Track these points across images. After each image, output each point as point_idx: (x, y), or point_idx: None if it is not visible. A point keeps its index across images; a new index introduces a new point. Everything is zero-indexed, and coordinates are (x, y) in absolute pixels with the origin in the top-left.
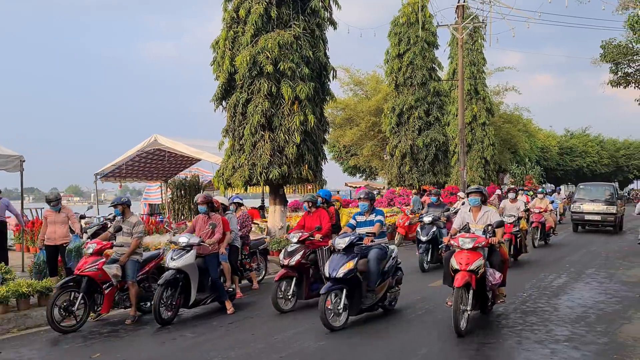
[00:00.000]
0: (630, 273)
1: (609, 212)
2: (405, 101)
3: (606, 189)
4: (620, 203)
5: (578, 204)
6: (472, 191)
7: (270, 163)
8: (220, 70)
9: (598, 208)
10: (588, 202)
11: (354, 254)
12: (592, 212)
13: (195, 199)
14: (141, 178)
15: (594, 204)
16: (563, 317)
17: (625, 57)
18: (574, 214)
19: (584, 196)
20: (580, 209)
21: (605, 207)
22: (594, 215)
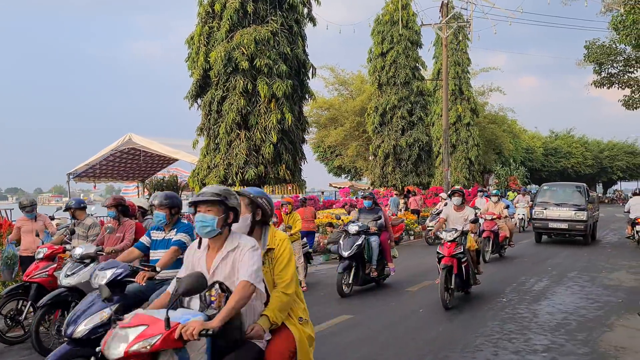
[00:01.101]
0: (612, 276)
1: (578, 219)
2: (389, 100)
3: (575, 190)
4: (593, 207)
5: (540, 209)
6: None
7: (246, 163)
8: (194, 67)
9: (565, 214)
10: (553, 207)
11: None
12: (557, 219)
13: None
14: (116, 178)
15: (560, 209)
16: (543, 324)
17: (609, 57)
18: (536, 221)
19: (549, 199)
20: (543, 215)
21: (573, 212)
22: (560, 223)
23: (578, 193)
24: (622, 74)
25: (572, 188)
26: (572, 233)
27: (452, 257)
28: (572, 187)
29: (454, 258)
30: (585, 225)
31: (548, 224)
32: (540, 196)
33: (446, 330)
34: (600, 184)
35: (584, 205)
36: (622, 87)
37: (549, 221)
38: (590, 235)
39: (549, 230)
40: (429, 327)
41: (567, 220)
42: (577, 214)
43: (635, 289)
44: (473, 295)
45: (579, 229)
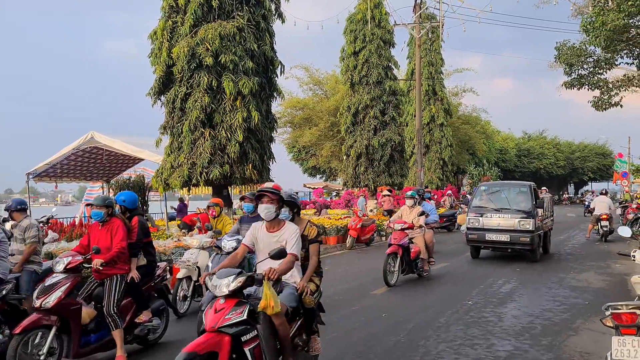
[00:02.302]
0: (580, 277)
1: (523, 229)
2: (361, 100)
3: (520, 192)
4: (543, 213)
5: (475, 216)
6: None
7: (211, 162)
8: (157, 63)
9: (506, 223)
10: (491, 214)
11: None
12: (497, 229)
13: None
14: (79, 178)
15: (501, 217)
16: (507, 328)
17: (579, 58)
18: (471, 231)
19: (487, 203)
20: (479, 223)
21: (517, 221)
22: (500, 234)
23: (523, 195)
24: (591, 75)
25: (516, 189)
26: (516, 246)
27: (399, 245)
28: (516, 187)
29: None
30: (532, 237)
31: (485, 235)
32: (477, 199)
33: (408, 336)
34: (572, 185)
35: (531, 211)
36: (591, 89)
37: (487, 232)
38: (542, 248)
39: (486, 243)
40: (390, 333)
41: (508, 230)
42: (522, 222)
43: (602, 290)
44: (438, 298)
45: (523, 242)
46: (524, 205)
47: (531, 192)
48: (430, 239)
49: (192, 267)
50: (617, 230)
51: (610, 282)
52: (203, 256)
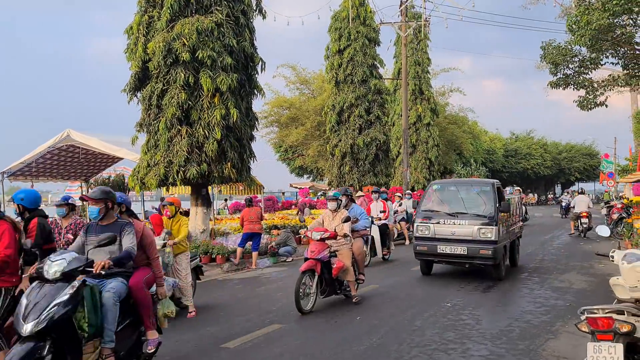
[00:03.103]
0: (563, 277)
1: (484, 239)
2: (346, 99)
3: (481, 192)
4: (509, 217)
5: (424, 223)
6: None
7: (188, 161)
8: (133, 58)
9: (463, 230)
10: (444, 219)
11: None
12: (451, 239)
13: None
14: (56, 177)
15: (455, 223)
16: (484, 332)
17: (564, 57)
18: (419, 242)
19: (439, 206)
20: (429, 231)
21: (476, 228)
22: (455, 246)
23: (485, 196)
24: (577, 75)
25: (475, 188)
26: (475, 260)
27: (316, 260)
28: (475, 186)
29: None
30: (495, 249)
31: (437, 246)
32: (427, 201)
33: (381, 340)
34: (559, 185)
35: (494, 216)
36: (577, 88)
37: (438, 242)
38: (509, 260)
39: (437, 256)
40: (363, 338)
41: (465, 240)
42: (483, 230)
43: (584, 291)
44: (416, 300)
45: (484, 256)
46: (485, 209)
47: (494, 192)
48: (359, 251)
49: None
50: (596, 229)
51: (592, 283)
52: None
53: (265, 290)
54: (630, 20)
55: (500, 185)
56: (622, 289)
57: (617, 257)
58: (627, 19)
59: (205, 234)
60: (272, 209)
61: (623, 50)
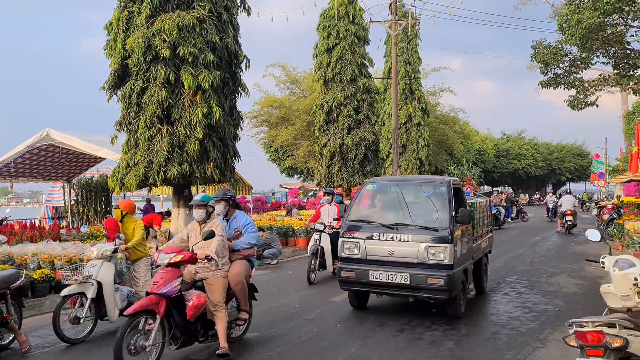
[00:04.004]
0: (552, 280)
1: (435, 263)
2: (335, 98)
3: (433, 194)
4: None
5: (352, 237)
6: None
7: (169, 160)
8: (112, 55)
9: (404, 250)
10: (381, 232)
11: None
12: (387, 262)
13: None
14: (37, 178)
15: (395, 237)
16: (470, 340)
17: (555, 57)
18: (345, 265)
19: (375, 214)
20: (358, 250)
21: (423, 247)
22: (393, 271)
23: (436, 200)
24: (567, 74)
25: (427, 188)
26: (421, 296)
27: (160, 296)
28: (427, 186)
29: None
30: (450, 278)
31: (368, 272)
32: (357, 207)
33: (360, 350)
34: (550, 185)
35: (448, 228)
36: (567, 88)
37: (371, 266)
38: (475, 285)
39: (369, 286)
40: (342, 347)
41: (408, 264)
42: (432, 250)
43: (574, 295)
44: (400, 307)
45: (434, 287)
46: (438, 219)
47: (450, 195)
48: (238, 278)
49: (89, 282)
50: (586, 233)
51: (583, 286)
52: (106, 269)
53: None
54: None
55: (460, 185)
56: (613, 297)
57: (608, 263)
58: (618, 18)
59: None
60: (262, 210)
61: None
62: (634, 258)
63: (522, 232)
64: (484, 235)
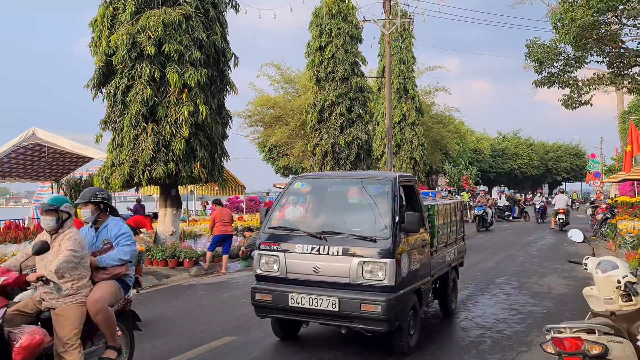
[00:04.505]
0: (542, 282)
1: (370, 284)
2: (327, 97)
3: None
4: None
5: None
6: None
7: (154, 159)
8: (97, 52)
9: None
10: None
11: None
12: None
13: None
14: (24, 177)
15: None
16: (453, 343)
17: (549, 56)
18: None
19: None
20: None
21: (356, 262)
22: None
23: (379, 203)
24: (562, 73)
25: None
26: (355, 327)
27: None
28: (369, 183)
29: None
30: (390, 304)
31: (288, 295)
32: (280, 210)
33: (338, 355)
34: (547, 185)
35: (390, 239)
36: (561, 87)
37: (291, 287)
38: (441, 306)
39: (289, 313)
40: (319, 351)
41: (336, 284)
42: (369, 266)
43: (563, 296)
44: None
45: (369, 315)
46: (376, 226)
47: (394, 196)
48: (100, 306)
49: None
50: (569, 234)
51: (572, 287)
52: None
53: (230, 297)
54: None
55: (413, 183)
56: (596, 300)
57: (591, 264)
58: (612, 16)
59: (174, 236)
60: (255, 210)
61: (608, 48)
62: (617, 259)
63: (515, 232)
64: (451, 245)
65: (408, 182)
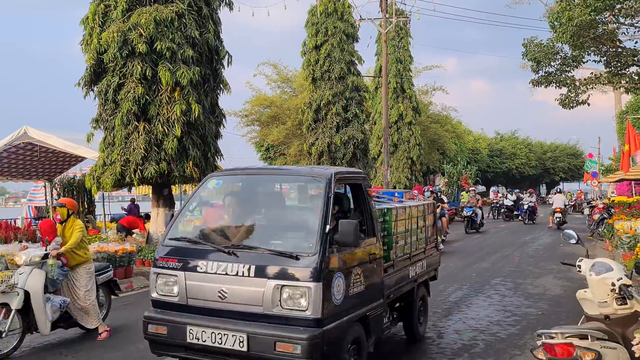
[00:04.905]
0: (537, 282)
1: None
2: (323, 96)
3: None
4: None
5: (169, 268)
6: None
7: (146, 159)
8: (88, 50)
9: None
10: (210, 261)
11: None
12: (215, 310)
13: None
14: (17, 177)
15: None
16: (445, 347)
17: (546, 55)
18: (157, 313)
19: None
20: (177, 289)
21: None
22: (222, 327)
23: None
24: (559, 72)
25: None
26: None
27: None
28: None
29: None
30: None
31: (186, 330)
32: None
33: None
34: (544, 185)
35: (315, 253)
36: (559, 86)
37: (192, 318)
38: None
39: (191, 351)
40: None
41: (245, 315)
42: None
43: (559, 297)
44: None
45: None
46: (300, 238)
47: (327, 198)
48: None
49: (15, 291)
50: (562, 234)
51: (568, 288)
52: (35, 277)
53: None
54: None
55: (359, 181)
56: (590, 303)
57: (585, 266)
58: (609, 15)
59: None
60: None
61: (605, 48)
62: (611, 261)
63: (512, 232)
64: (418, 257)
65: (352, 179)
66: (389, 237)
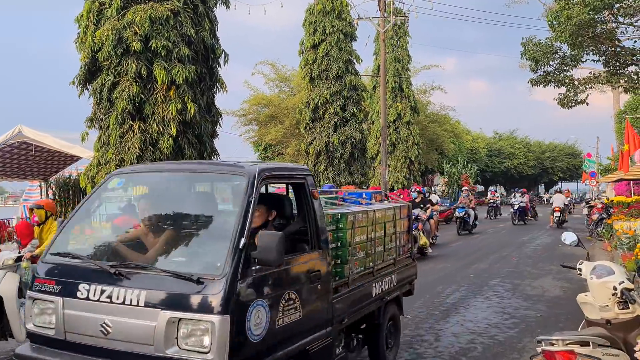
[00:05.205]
0: (536, 283)
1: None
2: (320, 95)
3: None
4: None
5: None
6: None
7: (141, 158)
8: (83, 48)
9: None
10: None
11: None
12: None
13: None
14: (11, 176)
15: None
16: (442, 350)
17: (545, 54)
18: (28, 351)
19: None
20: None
21: (167, 316)
22: None
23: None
24: (557, 72)
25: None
26: None
27: None
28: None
29: None
30: None
31: None
32: (76, 224)
33: None
34: (542, 185)
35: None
36: (557, 86)
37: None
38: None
39: None
40: None
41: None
42: (184, 326)
43: (557, 299)
44: None
45: None
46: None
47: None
48: None
49: None
50: (562, 237)
51: (567, 289)
52: (8, 281)
53: None
54: (611, 16)
55: (305, 180)
56: (591, 307)
57: (585, 269)
58: (608, 14)
59: None
60: None
61: (604, 47)
62: (613, 264)
63: (510, 232)
64: (386, 272)
65: (290, 177)
66: (343, 249)
